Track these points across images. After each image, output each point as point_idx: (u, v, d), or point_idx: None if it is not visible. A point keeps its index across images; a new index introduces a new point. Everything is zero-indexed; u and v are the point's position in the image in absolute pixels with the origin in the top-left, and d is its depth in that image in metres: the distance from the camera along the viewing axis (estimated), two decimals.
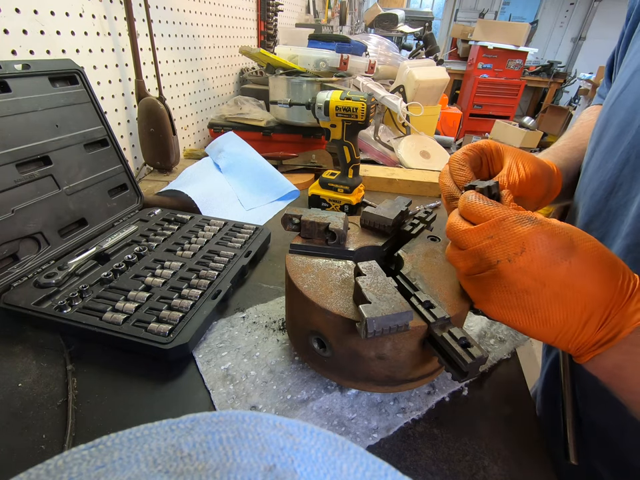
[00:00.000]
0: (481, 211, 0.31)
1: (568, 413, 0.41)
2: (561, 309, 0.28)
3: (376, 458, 0.18)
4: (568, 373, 0.43)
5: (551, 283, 0.28)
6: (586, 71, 4.67)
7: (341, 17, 2.61)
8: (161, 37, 0.95)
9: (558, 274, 0.27)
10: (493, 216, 0.30)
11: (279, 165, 0.94)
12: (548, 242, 0.28)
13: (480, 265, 0.30)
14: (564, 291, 0.27)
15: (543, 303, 0.28)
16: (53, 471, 0.15)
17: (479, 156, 0.39)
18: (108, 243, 0.59)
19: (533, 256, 0.28)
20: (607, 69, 0.54)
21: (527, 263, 0.28)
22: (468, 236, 0.31)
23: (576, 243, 0.28)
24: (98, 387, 0.41)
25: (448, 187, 0.38)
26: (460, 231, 0.32)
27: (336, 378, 0.40)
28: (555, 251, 0.27)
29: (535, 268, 0.28)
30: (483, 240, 0.30)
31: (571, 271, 0.27)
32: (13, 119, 0.52)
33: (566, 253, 0.27)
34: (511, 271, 0.28)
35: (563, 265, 0.27)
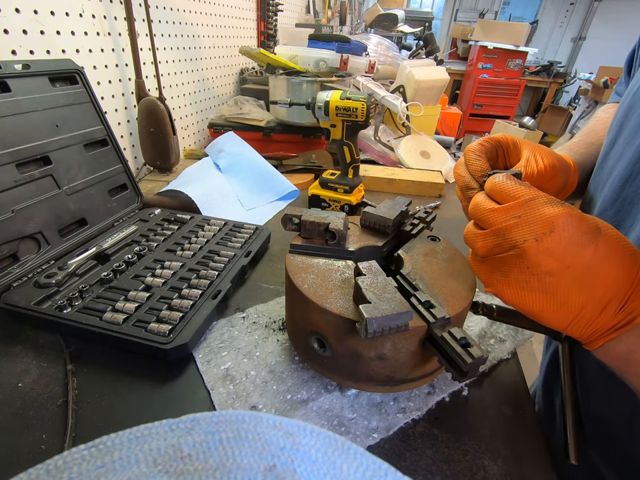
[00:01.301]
0: (511, 190, 0.30)
1: (568, 412, 0.41)
2: (581, 293, 0.28)
3: (376, 458, 0.18)
4: (568, 370, 0.43)
5: (575, 266, 0.28)
6: (586, 71, 4.67)
7: (341, 17, 2.61)
8: (161, 37, 0.95)
9: (583, 257, 0.27)
10: (523, 196, 0.30)
11: (279, 165, 0.94)
12: (577, 224, 0.28)
13: (502, 245, 0.30)
14: (586, 275, 0.27)
15: (564, 285, 0.28)
16: (53, 471, 0.15)
17: (495, 148, 0.39)
18: (108, 243, 0.59)
19: (562, 237, 0.28)
20: (626, 65, 0.54)
21: (555, 243, 0.28)
22: (495, 214, 0.30)
23: (602, 227, 0.28)
24: (98, 387, 0.41)
25: (463, 177, 0.38)
26: (486, 209, 0.31)
27: (336, 378, 0.40)
28: (583, 234, 0.28)
29: (562, 249, 0.28)
30: (509, 219, 0.29)
31: (596, 254, 0.27)
32: (13, 119, 0.52)
33: (593, 236, 0.27)
34: (537, 251, 0.28)
35: (589, 248, 0.27)
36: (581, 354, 0.45)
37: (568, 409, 0.41)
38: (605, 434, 0.41)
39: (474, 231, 0.32)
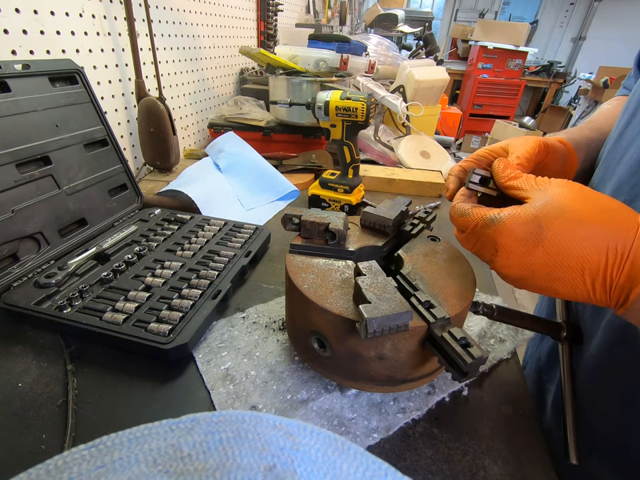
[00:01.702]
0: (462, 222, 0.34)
1: (568, 412, 0.41)
2: (562, 285, 0.29)
3: (376, 458, 0.18)
4: (568, 370, 0.43)
5: (538, 269, 0.29)
6: (586, 70, 4.67)
7: (341, 17, 2.61)
8: (161, 37, 0.95)
9: (538, 259, 0.29)
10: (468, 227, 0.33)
11: (279, 165, 0.94)
12: (515, 235, 0.29)
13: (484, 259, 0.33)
14: (554, 271, 0.28)
15: (543, 284, 0.29)
16: (53, 471, 0.15)
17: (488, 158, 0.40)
18: (108, 243, 0.59)
19: (507, 253, 0.30)
20: (637, 60, 0.54)
21: (505, 260, 0.30)
22: (464, 244, 0.35)
23: (544, 224, 0.28)
24: (98, 387, 0.41)
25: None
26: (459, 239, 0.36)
27: (336, 378, 0.40)
28: (525, 241, 0.29)
29: (514, 262, 0.30)
30: (471, 246, 0.34)
31: (548, 252, 0.28)
32: (13, 119, 0.52)
33: (536, 239, 0.29)
34: (498, 268, 0.31)
35: (538, 250, 0.29)
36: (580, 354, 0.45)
37: (568, 409, 0.41)
38: (602, 433, 0.41)
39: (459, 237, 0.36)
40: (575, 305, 0.47)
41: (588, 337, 0.43)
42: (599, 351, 0.40)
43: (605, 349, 0.39)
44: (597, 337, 0.41)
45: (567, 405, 0.41)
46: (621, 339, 0.37)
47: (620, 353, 0.38)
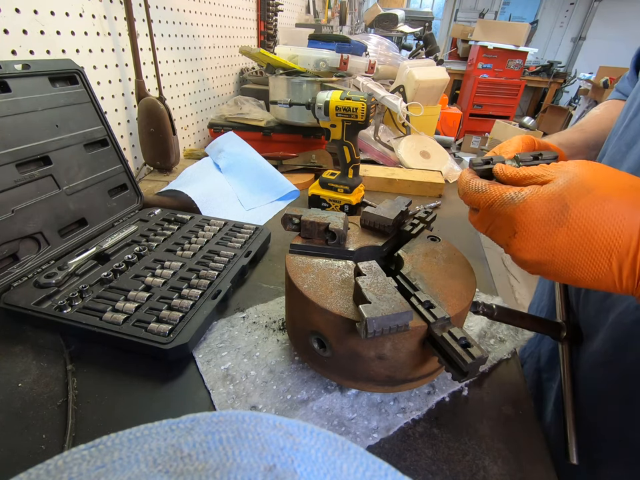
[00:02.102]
0: (477, 198, 0.32)
1: (568, 412, 0.41)
2: (585, 271, 0.26)
3: (376, 458, 0.18)
4: (568, 370, 0.43)
5: (559, 252, 0.27)
6: (586, 70, 4.67)
7: (341, 17, 2.61)
8: (161, 37, 0.95)
9: (560, 241, 0.26)
10: (482, 204, 0.31)
11: (279, 165, 0.94)
12: (536, 216, 0.27)
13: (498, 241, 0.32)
14: (577, 255, 0.26)
15: (563, 269, 0.27)
16: (53, 471, 0.15)
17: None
18: (108, 243, 0.59)
19: (526, 235, 0.28)
20: (634, 61, 0.53)
21: (523, 243, 0.28)
22: (477, 226, 0.33)
23: (569, 202, 0.26)
24: (98, 387, 0.41)
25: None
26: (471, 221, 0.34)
27: (336, 378, 0.40)
28: (547, 221, 0.27)
29: (534, 244, 0.27)
30: (486, 228, 0.32)
31: (572, 233, 0.26)
32: (13, 119, 0.52)
33: (560, 218, 0.26)
34: (515, 251, 0.29)
35: (561, 231, 0.26)
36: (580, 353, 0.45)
37: (568, 409, 0.41)
38: (603, 433, 0.41)
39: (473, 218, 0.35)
40: (576, 304, 0.47)
41: (590, 335, 0.43)
42: (603, 349, 0.40)
43: (611, 346, 0.39)
44: (600, 335, 0.40)
45: (566, 404, 0.41)
46: (629, 336, 0.37)
47: (627, 351, 0.37)
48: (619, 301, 0.38)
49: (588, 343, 0.43)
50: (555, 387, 0.49)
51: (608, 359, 0.39)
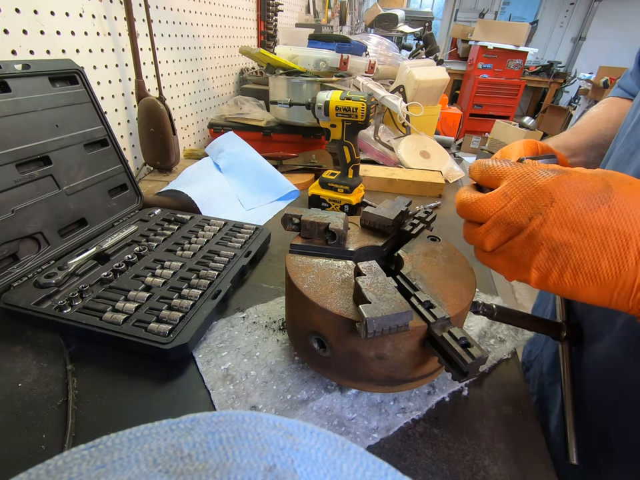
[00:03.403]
0: (498, 171, 0.29)
1: (568, 412, 0.41)
2: (610, 260, 0.25)
3: (376, 458, 0.18)
4: (568, 370, 0.43)
5: (593, 232, 0.25)
6: (586, 71, 4.67)
7: (341, 17, 2.61)
8: (161, 37, 0.95)
9: (598, 220, 0.25)
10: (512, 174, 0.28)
11: (278, 165, 0.94)
12: (579, 187, 0.26)
13: (509, 231, 0.28)
14: (609, 238, 0.25)
15: (588, 255, 0.25)
16: (53, 471, 0.15)
17: None
18: (108, 243, 0.59)
19: (565, 204, 0.26)
20: (638, 57, 0.52)
21: (560, 212, 0.26)
22: (487, 203, 0.29)
23: (613, 186, 0.25)
24: (98, 387, 0.41)
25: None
26: (474, 201, 0.30)
27: (336, 378, 0.40)
28: (590, 195, 0.25)
29: (571, 217, 0.26)
30: (505, 203, 0.28)
31: (613, 214, 0.25)
32: (13, 119, 0.52)
33: (603, 196, 0.25)
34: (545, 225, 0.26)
35: (602, 209, 0.25)
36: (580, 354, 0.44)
37: (568, 409, 0.41)
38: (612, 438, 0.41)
39: (472, 229, 0.31)
40: (580, 307, 0.46)
41: (595, 338, 0.42)
42: (614, 354, 0.39)
43: (622, 352, 0.38)
44: (608, 340, 0.40)
45: (567, 404, 0.41)
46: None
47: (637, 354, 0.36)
48: None
49: (593, 347, 0.42)
50: (559, 391, 0.49)
51: (619, 366, 0.39)
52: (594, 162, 0.54)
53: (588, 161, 0.54)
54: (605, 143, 0.54)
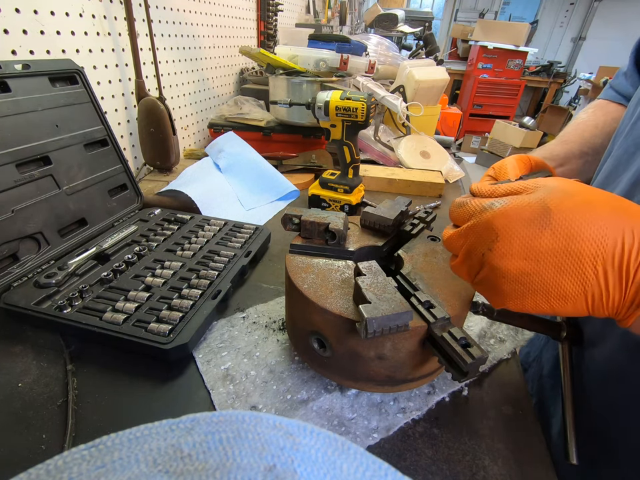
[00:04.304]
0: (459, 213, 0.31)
1: (568, 412, 0.41)
2: (571, 279, 0.25)
3: (376, 458, 0.18)
4: (568, 370, 0.43)
5: (544, 257, 0.26)
6: (586, 71, 4.68)
7: (341, 17, 2.61)
8: (161, 37, 0.95)
9: (545, 244, 0.26)
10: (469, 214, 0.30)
11: (278, 165, 0.94)
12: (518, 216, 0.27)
13: (474, 266, 0.30)
14: (562, 260, 0.25)
15: (549, 279, 0.26)
16: (53, 471, 0.15)
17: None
18: (108, 243, 0.59)
19: (509, 236, 0.27)
20: (633, 56, 0.52)
21: (506, 245, 0.27)
22: (452, 240, 0.32)
23: (552, 206, 0.26)
24: (98, 387, 0.41)
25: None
26: (445, 238, 0.33)
27: (336, 378, 0.40)
28: (529, 223, 0.26)
29: (518, 247, 0.26)
30: (464, 241, 0.30)
31: (556, 236, 0.25)
32: (13, 119, 0.52)
33: (542, 220, 0.26)
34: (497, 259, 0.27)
35: (545, 233, 0.26)
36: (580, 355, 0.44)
37: (568, 409, 0.41)
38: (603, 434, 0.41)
39: (452, 262, 0.33)
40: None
41: (595, 341, 0.42)
42: (616, 359, 0.39)
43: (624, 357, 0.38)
44: (609, 344, 0.39)
45: (567, 405, 0.41)
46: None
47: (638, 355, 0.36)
48: None
49: (594, 348, 0.42)
50: (561, 393, 0.49)
51: (620, 367, 0.38)
52: (582, 169, 0.54)
53: (576, 169, 0.54)
54: (591, 150, 0.54)
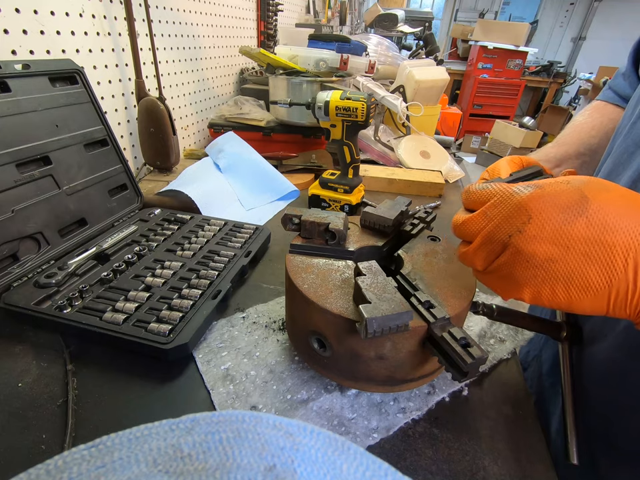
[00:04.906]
0: (480, 195, 0.30)
1: (568, 412, 0.41)
2: (598, 270, 0.25)
3: (376, 458, 0.18)
4: (568, 370, 0.43)
5: (574, 244, 0.25)
6: (586, 71, 4.68)
7: (341, 17, 2.61)
8: (161, 37, 0.95)
9: (578, 231, 0.25)
10: (491, 195, 0.29)
11: (278, 165, 0.94)
12: (555, 201, 0.26)
13: (494, 250, 0.29)
14: (592, 249, 0.25)
15: (575, 267, 0.25)
16: (53, 471, 0.15)
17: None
18: (108, 243, 0.59)
19: (543, 219, 0.26)
20: (632, 57, 0.51)
21: (539, 228, 0.26)
22: (471, 224, 0.30)
23: (590, 195, 0.25)
24: (98, 387, 0.41)
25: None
26: (460, 223, 0.31)
27: (336, 378, 0.40)
28: (566, 208, 0.26)
29: (550, 231, 0.26)
30: (487, 222, 0.29)
31: (591, 224, 0.25)
32: (13, 119, 0.52)
33: (580, 208, 0.25)
34: (526, 241, 0.26)
35: (580, 220, 0.25)
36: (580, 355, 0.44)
37: (568, 409, 0.41)
38: (604, 433, 0.41)
39: (463, 249, 0.32)
40: None
41: (596, 339, 0.42)
42: (617, 357, 0.39)
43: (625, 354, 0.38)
44: (610, 341, 0.39)
45: (567, 404, 0.41)
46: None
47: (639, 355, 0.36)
48: None
49: (594, 347, 0.42)
50: (560, 392, 0.49)
51: (621, 367, 0.38)
52: (579, 170, 0.54)
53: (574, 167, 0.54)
54: (588, 151, 0.54)
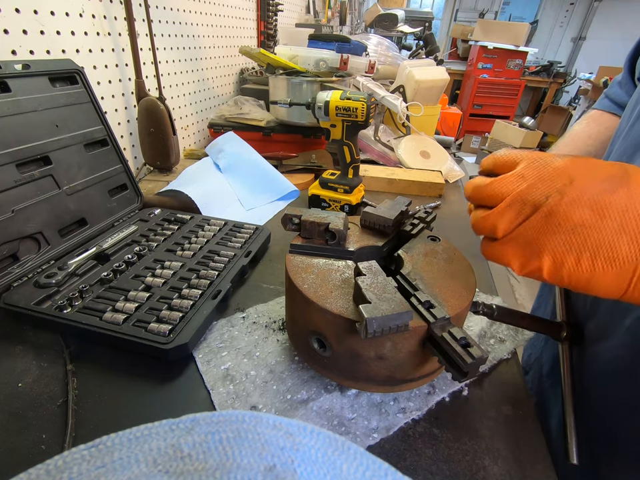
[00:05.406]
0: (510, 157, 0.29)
1: (568, 412, 0.41)
2: (630, 242, 0.24)
3: (376, 458, 0.18)
4: (568, 370, 0.43)
5: (612, 213, 0.25)
6: (586, 71, 4.67)
7: (341, 17, 2.61)
8: (161, 37, 0.95)
9: (617, 201, 0.25)
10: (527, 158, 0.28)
11: (278, 165, 0.94)
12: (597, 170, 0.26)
13: (524, 211, 0.27)
14: (629, 220, 0.24)
15: (607, 236, 0.25)
16: (53, 471, 0.15)
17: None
18: (108, 243, 0.59)
19: (585, 184, 0.25)
20: (627, 64, 0.51)
21: (580, 192, 0.25)
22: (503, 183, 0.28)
23: (632, 172, 0.26)
24: (98, 387, 0.41)
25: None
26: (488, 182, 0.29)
27: (336, 378, 0.40)
28: (608, 178, 0.25)
29: (590, 197, 0.25)
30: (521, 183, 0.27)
31: (632, 196, 0.25)
32: (13, 119, 0.52)
33: (621, 180, 0.25)
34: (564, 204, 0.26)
35: (621, 191, 0.25)
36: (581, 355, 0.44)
37: (568, 409, 0.41)
38: (604, 433, 0.41)
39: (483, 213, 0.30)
40: (584, 306, 0.46)
41: (599, 338, 0.42)
42: (621, 355, 0.39)
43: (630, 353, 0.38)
44: (615, 340, 0.39)
45: (567, 404, 0.41)
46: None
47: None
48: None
49: (596, 347, 0.42)
50: (560, 393, 0.49)
51: (623, 366, 0.38)
52: None
53: None
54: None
